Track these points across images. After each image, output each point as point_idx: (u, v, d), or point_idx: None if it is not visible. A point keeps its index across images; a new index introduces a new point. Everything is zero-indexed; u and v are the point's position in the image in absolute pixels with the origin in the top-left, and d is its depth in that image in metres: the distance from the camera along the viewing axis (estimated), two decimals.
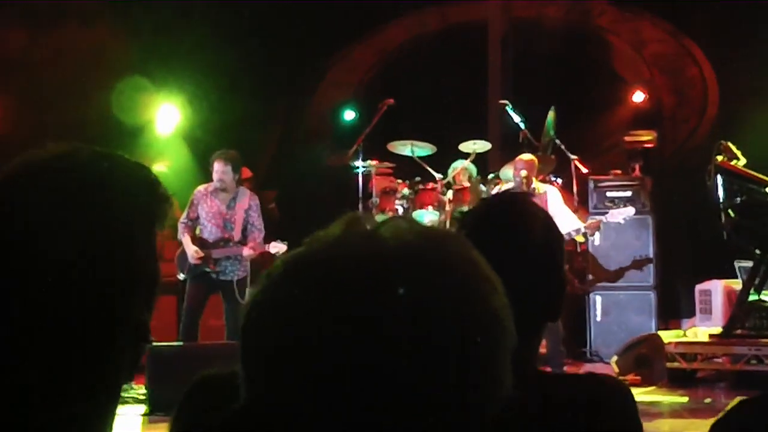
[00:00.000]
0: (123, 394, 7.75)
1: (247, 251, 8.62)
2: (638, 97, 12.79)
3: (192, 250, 8.60)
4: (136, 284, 1.16)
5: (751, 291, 8.98)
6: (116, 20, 12.14)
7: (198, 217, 8.79)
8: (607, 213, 9.43)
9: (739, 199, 8.88)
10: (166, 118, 12.66)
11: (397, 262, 0.90)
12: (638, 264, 10.43)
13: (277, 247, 8.64)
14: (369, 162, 10.81)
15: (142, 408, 7.43)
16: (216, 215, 8.72)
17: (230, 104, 12.73)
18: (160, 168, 12.13)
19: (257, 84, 13.15)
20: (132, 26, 12.29)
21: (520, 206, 1.81)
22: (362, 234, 0.94)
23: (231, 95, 12.83)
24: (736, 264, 9.87)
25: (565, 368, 9.15)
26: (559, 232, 1.89)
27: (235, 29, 13.15)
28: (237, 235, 8.71)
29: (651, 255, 10.48)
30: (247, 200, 8.83)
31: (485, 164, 11.06)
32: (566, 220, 9.21)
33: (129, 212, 1.19)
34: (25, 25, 11.48)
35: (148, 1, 12.33)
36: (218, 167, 8.68)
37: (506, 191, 2.24)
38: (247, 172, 11.91)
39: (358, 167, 10.74)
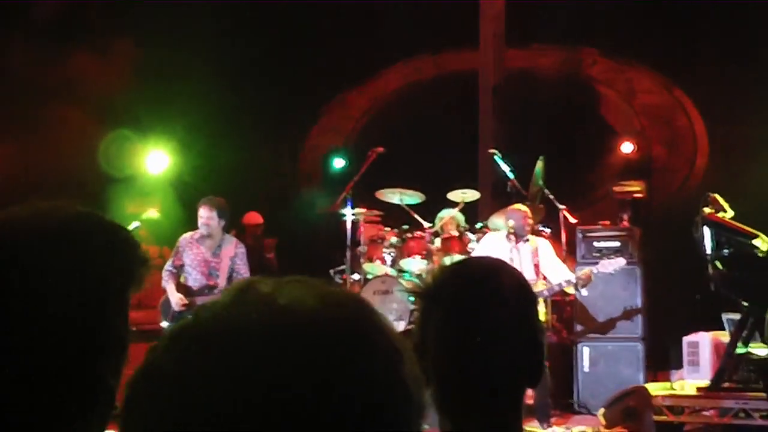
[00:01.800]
0: None
1: None
2: (627, 147, 12.83)
3: (176, 298, 8.55)
4: (106, 348, 1.14)
5: (739, 343, 8.93)
6: (106, 64, 12.17)
7: (183, 265, 8.75)
8: (596, 263, 9.39)
9: (726, 251, 8.86)
10: (155, 164, 12.67)
11: (295, 329, 0.84)
12: (626, 315, 10.37)
13: None
14: (357, 210, 10.81)
15: None
16: (201, 263, 8.68)
17: (221, 150, 12.75)
18: (148, 213, 12.12)
19: (249, 129, 13.19)
20: (122, 72, 12.32)
21: (494, 277, 1.77)
22: (256, 300, 0.87)
23: (221, 141, 12.85)
24: (724, 316, 9.83)
25: (552, 420, 9.08)
26: (535, 296, 1.85)
27: (227, 73, 13.19)
28: (222, 282, 8.66)
29: (639, 306, 10.43)
30: (232, 248, 8.80)
31: (474, 213, 11.05)
32: (557, 271, 9.20)
33: (104, 274, 1.17)
34: (17, 66, 11.51)
35: (139, 47, 12.37)
36: (204, 213, 8.66)
37: (478, 257, 2.19)
38: (257, 218, 11.90)
39: (346, 215, 10.72)
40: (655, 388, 9.30)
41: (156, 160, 12.66)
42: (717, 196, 9.08)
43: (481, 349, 1.63)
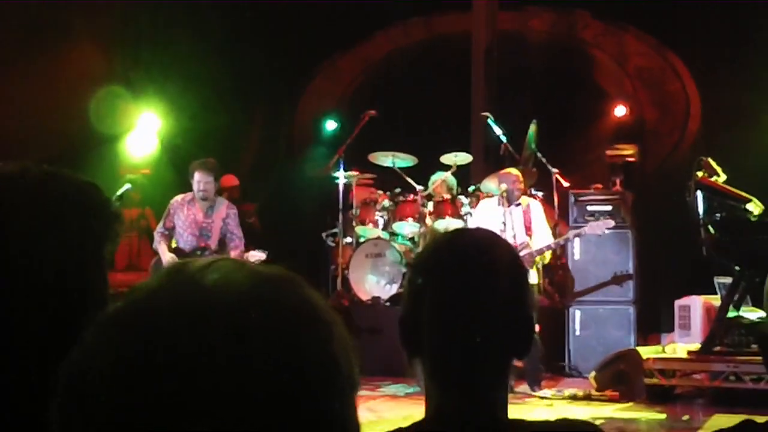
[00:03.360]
0: None
1: None
2: (620, 111, 12.81)
3: (168, 258, 8.53)
4: (90, 310, 1.12)
5: (730, 307, 8.96)
6: (98, 29, 12.07)
7: (174, 227, 8.72)
8: (586, 226, 9.43)
9: (719, 215, 8.86)
10: (146, 126, 12.61)
11: (221, 306, 0.82)
12: (618, 279, 10.40)
13: (256, 256, 8.59)
14: (350, 173, 10.79)
15: None
16: (192, 223, 8.65)
17: (212, 113, 12.68)
18: (140, 175, 12.08)
19: (240, 92, 13.11)
20: (114, 35, 12.23)
21: (488, 251, 1.75)
22: (184, 280, 0.86)
23: (213, 104, 12.78)
24: (716, 280, 9.86)
25: (543, 383, 9.13)
26: (525, 268, 1.85)
27: (219, 37, 13.10)
28: (214, 243, 8.65)
29: (631, 270, 10.45)
30: (224, 209, 8.78)
31: (467, 176, 11.04)
32: (539, 236, 9.24)
33: (79, 234, 1.14)
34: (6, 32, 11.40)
35: (130, 9, 12.27)
36: (201, 177, 8.61)
37: (471, 229, 2.18)
38: (233, 180, 11.90)
39: (338, 178, 10.70)
40: (646, 352, 9.34)
41: (148, 121, 12.60)
42: (710, 160, 9.07)
43: (473, 324, 1.63)
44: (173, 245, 8.72)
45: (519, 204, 9.30)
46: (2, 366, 1.07)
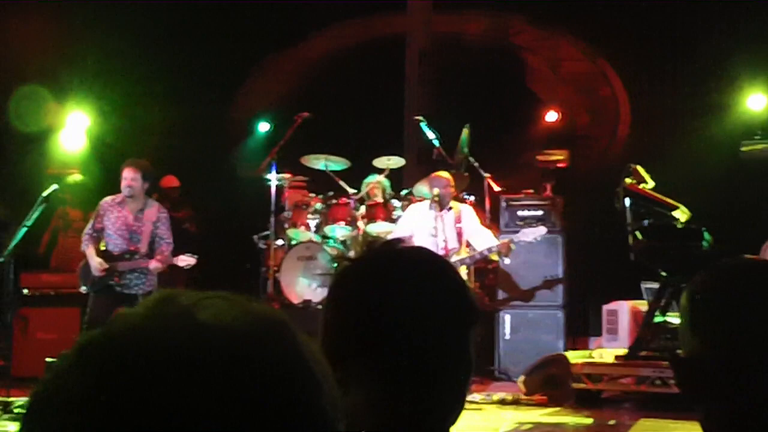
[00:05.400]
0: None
1: (153, 264, 8.43)
2: (552, 116, 12.91)
3: (96, 262, 8.40)
4: None
5: (657, 312, 9.10)
6: (27, 27, 11.86)
7: (103, 229, 8.58)
8: (519, 232, 9.47)
9: (646, 221, 9.00)
10: (75, 125, 12.42)
11: (215, 347, 0.80)
12: (548, 283, 10.49)
13: (186, 261, 8.51)
14: (282, 175, 10.74)
15: None
16: (122, 226, 8.52)
17: (143, 111, 12.53)
18: (70, 176, 11.91)
19: (173, 90, 12.98)
20: (43, 33, 12.02)
21: (394, 270, 1.72)
22: (174, 314, 0.83)
23: (145, 101, 12.63)
24: (643, 285, 10.00)
25: (472, 387, 9.16)
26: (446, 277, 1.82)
27: (152, 34, 12.94)
28: (143, 247, 8.53)
29: (560, 274, 10.55)
30: (155, 212, 8.65)
31: (399, 180, 11.05)
32: (481, 239, 9.26)
33: None
34: None
35: (61, 7, 12.07)
36: (127, 174, 8.50)
37: (394, 241, 2.11)
38: (173, 181, 11.78)
39: (270, 180, 10.64)
40: (575, 356, 9.44)
41: (76, 120, 12.40)
42: (638, 167, 9.21)
43: (389, 335, 1.61)
44: (102, 247, 8.58)
45: (451, 209, 9.32)
46: None
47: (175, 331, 0.81)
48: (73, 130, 12.42)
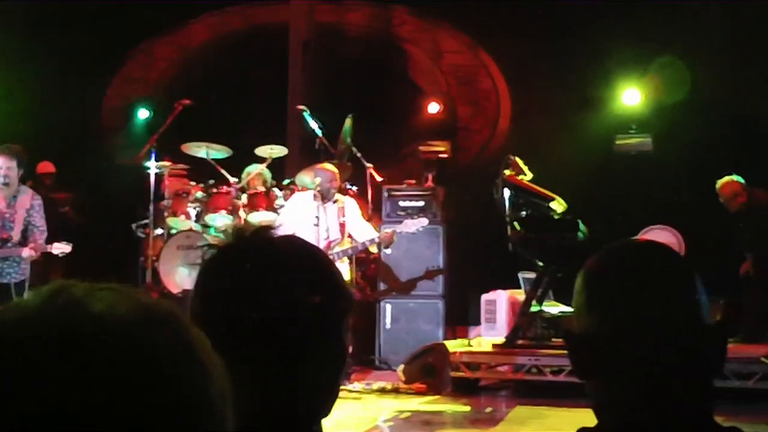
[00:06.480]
0: None
1: (26, 252, 8.19)
2: (433, 108, 13.01)
3: None
4: None
5: (534, 302, 9.29)
6: None
7: None
8: (401, 222, 9.53)
9: (524, 212, 9.18)
10: None
11: (108, 338, 0.80)
12: (429, 273, 10.60)
13: (60, 248, 8.29)
14: (162, 163, 10.57)
15: None
16: None
17: (17, 95, 12.18)
18: None
19: (48, 74, 12.65)
20: None
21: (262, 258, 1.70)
22: (67, 305, 0.82)
23: (17, 85, 12.28)
24: (520, 275, 10.19)
25: (352, 376, 9.21)
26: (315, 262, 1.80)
27: (25, 18, 12.59)
28: (16, 235, 8.28)
29: (441, 265, 10.67)
30: (28, 199, 8.41)
31: (282, 169, 11.00)
32: (362, 231, 9.29)
33: None
34: None
35: None
36: (2, 163, 8.23)
37: (263, 229, 2.08)
38: (49, 167, 11.48)
39: (150, 167, 10.47)
40: (454, 345, 9.57)
41: None
42: (517, 158, 9.37)
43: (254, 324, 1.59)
44: None
45: (336, 201, 9.32)
46: None
47: (70, 321, 0.81)
48: None
